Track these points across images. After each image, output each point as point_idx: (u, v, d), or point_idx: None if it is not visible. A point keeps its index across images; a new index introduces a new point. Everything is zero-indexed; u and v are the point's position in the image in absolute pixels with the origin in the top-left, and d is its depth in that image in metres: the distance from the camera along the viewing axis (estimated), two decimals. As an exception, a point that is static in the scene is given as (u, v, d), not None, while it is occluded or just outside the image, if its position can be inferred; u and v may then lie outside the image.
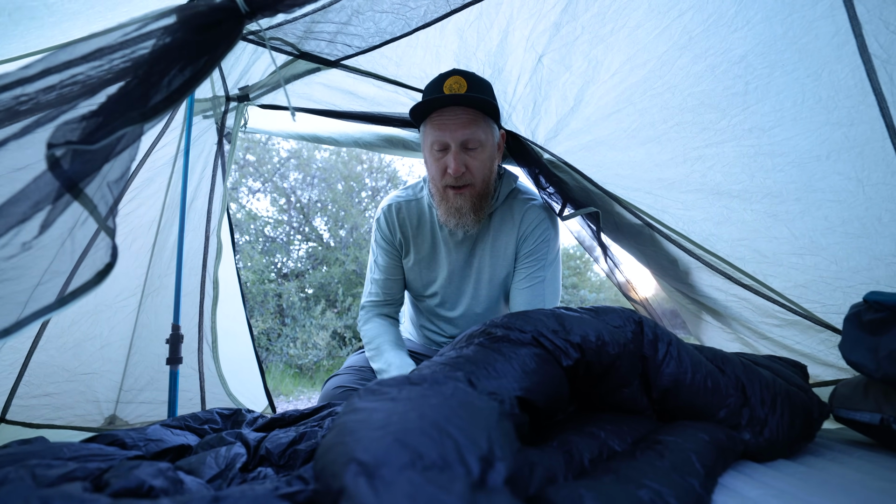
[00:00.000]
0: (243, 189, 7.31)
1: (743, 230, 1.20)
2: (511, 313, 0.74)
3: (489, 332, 0.63)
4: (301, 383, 4.16)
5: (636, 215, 1.30)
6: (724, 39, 0.96)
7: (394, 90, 1.41)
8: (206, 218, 1.75)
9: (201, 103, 1.63)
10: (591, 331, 0.66)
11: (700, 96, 1.06)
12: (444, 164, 1.15)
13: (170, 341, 1.42)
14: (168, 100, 0.57)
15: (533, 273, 1.26)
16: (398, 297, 1.38)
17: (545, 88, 1.23)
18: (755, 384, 0.71)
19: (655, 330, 0.73)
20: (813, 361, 1.26)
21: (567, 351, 0.61)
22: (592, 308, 0.77)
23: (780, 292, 1.23)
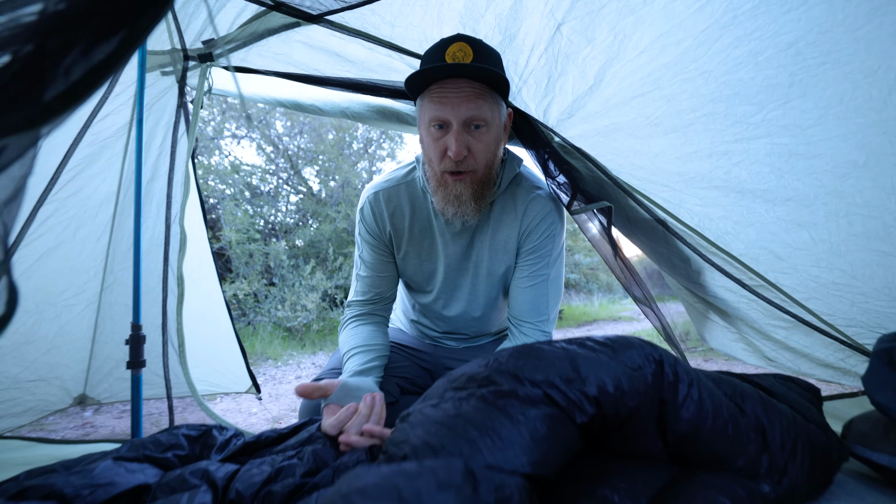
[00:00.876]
0: (226, 134, 6.94)
1: (761, 231, 1.13)
2: (520, 351, 0.66)
3: (494, 382, 0.55)
4: (290, 346, 4.12)
5: (649, 211, 1.20)
6: (773, 21, 0.83)
7: (387, 54, 1.24)
8: (166, 204, 1.55)
9: (157, 56, 1.40)
10: (608, 378, 0.59)
11: (736, 85, 0.93)
12: (443, 146, 1.01)
13: (129, 343, 1.27)
14: (70, 95, 0.40)
15: (536, 271, 1.16)
16: (388, 296, 1.25)
17: (562, 62, 1.09)
18: (775, 426, 0.66)
19: (676, 368, 0.66)
20: (814, 362, 1.23)
21: (582, 405, 0.54)
22: (609, 342, 0.70)
23: (790, 294, 1.18)
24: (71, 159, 1.45)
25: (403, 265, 1.23)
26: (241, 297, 4.63)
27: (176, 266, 1.43)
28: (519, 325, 1.17)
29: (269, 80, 1.35)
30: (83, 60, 0.38)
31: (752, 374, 0.91)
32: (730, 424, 0.62)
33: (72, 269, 1.62)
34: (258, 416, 2.09)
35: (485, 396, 0.53)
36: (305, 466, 0.67)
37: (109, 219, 1.66)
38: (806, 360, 1.22)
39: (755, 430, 0.62)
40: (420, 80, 0.98)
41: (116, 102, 1.45)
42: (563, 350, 0.66)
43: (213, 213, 5.59)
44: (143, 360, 1.29)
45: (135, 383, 1.29)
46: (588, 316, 6.15)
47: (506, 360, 0.64)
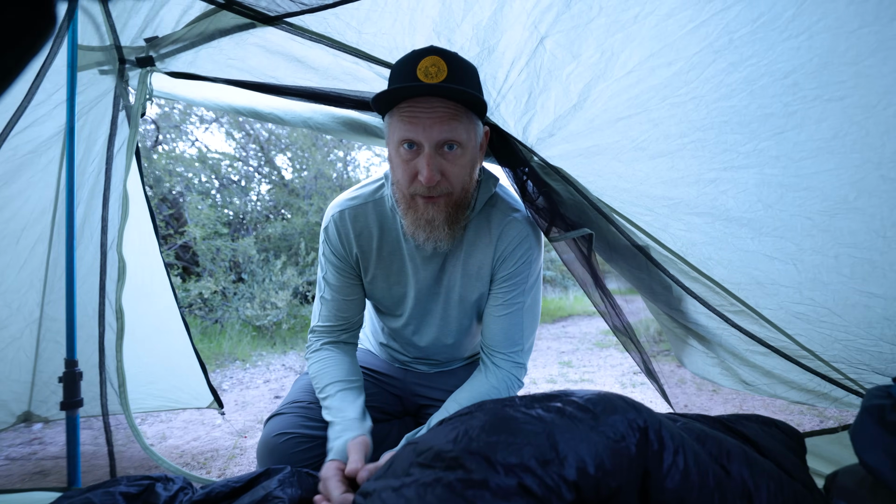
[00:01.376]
0: (193, 119, 6.54)
1: (745, 258, 1.09)
2: (494, 425, 0.60)
3: (463, 467, 0.50)
4: (260, 346, 3.98)
5: (630, 238, 1.15)
6: (771, 48, 0.77)
7: (353, 61, 1.12)
8: (101, 227, 1.40)
9: (91, 53, 1.24)
10: (588, 456, 0.55)
11: (728, 113, 0.87)
12: (413, 168, 0.93)
13: (63, 381, 1.16)
14: None
15: (511, 299, 1.09)
16: (355, 321, 1.17)
17: (545, 78, 1.00)
18: (762, 490, 0.63)
19: (661, 433, 0.62)
20: (790, 386, 1.22)
21: (560, 492, 0.49)
22: (590, 404, 0.64)
23: (770, 320, 1.16)
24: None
25: (371, 288, 1.15)
26: (206, 295, 4.42)
27: (114, 297, 1.29)
28: (491, 356, 1.10)
29: (223, 86, 1.21)
30: None
31: (734, 417, 0.88)
32: (716, 494, 0.58)
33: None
34: (222, 430, 2.01)
35: (452, 485, 0.47)
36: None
37: (38, 241, 1.50)
38: (783, 384, 1.21)
39: (742, 495, 0.59)
40: (389, 98, 0.88)
41: (43, 109, 1.27)
42: (540, 422, 0.60)
43: (177, 207, 5.30)
44: (79, 399, 1.17)
45: (70, 426, 1.16)
46: (563, 311, 6.20)
47: (477, 436, 0.58)
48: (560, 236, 1.08)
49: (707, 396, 1.79)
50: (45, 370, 1.69)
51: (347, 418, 0.99)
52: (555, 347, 4.04)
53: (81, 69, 1.25)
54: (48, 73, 1.25)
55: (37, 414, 1.75)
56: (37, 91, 1.24)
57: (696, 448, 0.63)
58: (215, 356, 3.53)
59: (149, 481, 0.88)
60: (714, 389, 1.78)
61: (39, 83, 1.24)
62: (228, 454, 1.74)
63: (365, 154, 7.42)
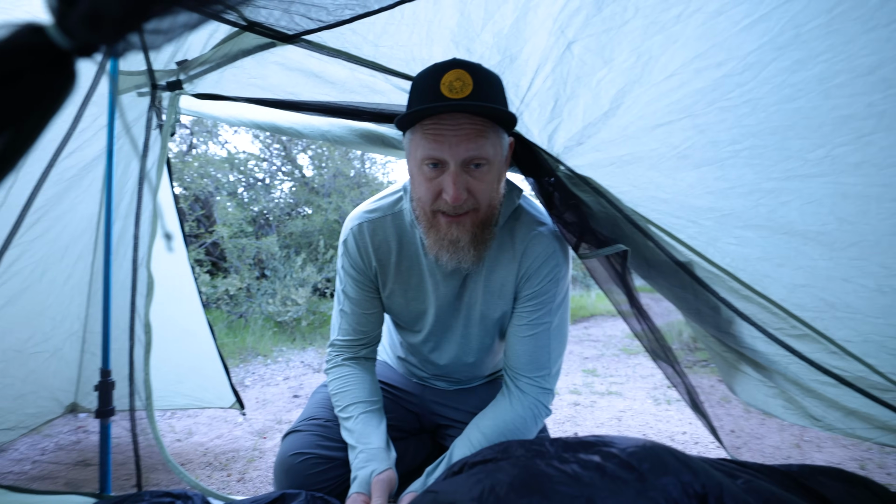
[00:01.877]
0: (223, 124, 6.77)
1: (811, 277, 0.96)
2: (524, 483, 0.55)
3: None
4: (280, 341, 4.06)
5: (669, 254, 1.04)
6: (851, 41, 0.65)
7: (370, 74, 1.07)
8: (133, 245, 1.44)
9: (132, 77, 1.27)
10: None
11: (793, 115, 0.76)
12: (437, 187, 0.88)
13: (98, 389, 1.20)
14: None
15: (536, 319, 1.02)
16: (375, 335, 1.14)
17: (572, 84, 0.91)
18: None
19: (723, 500, 0.52)
20: (872, 424, 1.07)
21: None
22: (635, 462, 0.56)
23: (842, 346, 1.02)
24: (36, 199, 1.35)
25: (389, 303, 1.11)
26: (232, 292, 4.58)
27: (143, 312, 1.33)
28: (516, 380, 1.04)
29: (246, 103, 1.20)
30: None
31: (808, 471, 0.76)
32: None
33: (39, 314, 1.55)
34: (243, 429, 2.09)
35: None
36: None
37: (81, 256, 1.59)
38: (861, 420, 1.06)
39: None
40: (416, 115, 0.83)
41: (87, 134, 1.33)
42: (576, 483, 0.53)
43: (208, 207, 5.50)
44: (112, 407, 1.22)
45: (103, 434, 1.21)
46: (585, 311, 5.93)
47: (505, 495, 0.52)
48: (591, 253, 0.99)
49: (758, 421, 1.61)
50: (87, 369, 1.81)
51: (372, 447, 0.96)
52: (577, 352, 3.86)
53: (122, 92, 1.30)
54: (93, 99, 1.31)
55: (82, 405, 1.89)
56: (81, 118, 1.29)
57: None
58: (239, 350, 3.64)
59: (170, 499, 0.91)
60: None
61: (84, 109, 1.30)
62: (248, 456, 1.78)
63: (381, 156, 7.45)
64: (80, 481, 1.49)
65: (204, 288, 4.43)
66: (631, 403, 2.46)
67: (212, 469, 1.66)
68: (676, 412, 2.29)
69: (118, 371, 1.39)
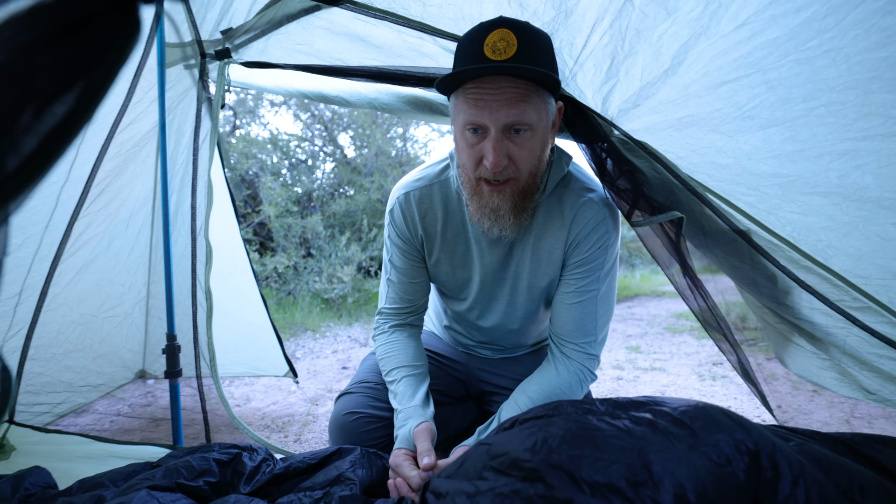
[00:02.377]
0: (265, 103, 6.91)
1: (879, 245, 0.90)
2: (577, 435, 0.55)
3: (543, 480, 0.46)
4: (328, 317, 4.21)
5: (728, 221, 1.00)
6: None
7: (418, 36, 1.06)
8: (191, 215, 1.51)
9: (177, 49, 1.31)
10: (687, 481, 0.47)
11: (877, 66, 0.70)
12: (479, 152, 0.88)
13: (165, 352, 1.29)
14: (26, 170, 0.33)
15: (584, 286, 1.02)
16: (421, 303, 1.16)
17: (631, 41, 0.87)
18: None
19: (775, 458, 0.52)
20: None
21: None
22: (687, 418, 0.56)
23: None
24: (98, 172, 1.44)
25: (435, 271, 1.13)
26: (280, 269, 4.75)
27: (204, 279, 1.40)
28: (562, 346, 1.04)
29: (293, 72, 1.22)
30: (35, 126, 0.31)
31: (861, 438, 0.74)
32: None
33: (109, 282, 1.66)
34: (296, 396, 2.20)
35: (532, 500, 0.43)
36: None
37: (142, 227, 1.66)
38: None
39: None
40: (453, 78, 0.83)
41: (140, 107, 1.39)
42: (629, 436, 0.53)
43: (253, 187, 5.67)
44: (179, 369, 1.31)
45: (173, 393, 1.31)
46: (629, 290, 5.84)
47: (558, 447, 0.53)
48: (644, 220, 0.97)
49: (806, 397, 1.56)
50: (153, 337, 1.95)
51: (411, 406, 1.00)
52: (621, 330, 3.82)
53: (169, 66, 1.34)
54: (143, 73, 1.36)
55: (150, 372, 2.05)
56: (135, 90, 1.36)
57: (820, 478, 0.53)
58: (289, 325, 3.80)
59: (237, 450, 0.99)
60: (815, 389, 1.53)
61: (136, 83, 1.35)
62: (302, 420, 1.88)
63: (423, 130, 7.40)
64: (153, 438, 1.63)
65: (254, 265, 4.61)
66: (675, 379, 2.42)
67: (269, 431, 1.76)
68: (721, 388, 2.24)
69: (183, 335, 1.51)
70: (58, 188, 1.38)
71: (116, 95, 1.37)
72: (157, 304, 1.85)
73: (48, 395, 1.56)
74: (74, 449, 1.30)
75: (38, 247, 1.39)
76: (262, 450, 1.02)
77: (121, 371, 1.92)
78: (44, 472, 1.01)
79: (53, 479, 1.01)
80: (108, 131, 1.40)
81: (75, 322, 1.60)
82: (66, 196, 1.41)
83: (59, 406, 1.62)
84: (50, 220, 1.39)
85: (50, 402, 1.57)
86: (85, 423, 1.70)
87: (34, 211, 1.35)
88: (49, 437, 1.37)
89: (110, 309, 1.72)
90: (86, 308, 1.63)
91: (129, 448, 1.30)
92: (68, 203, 1.43)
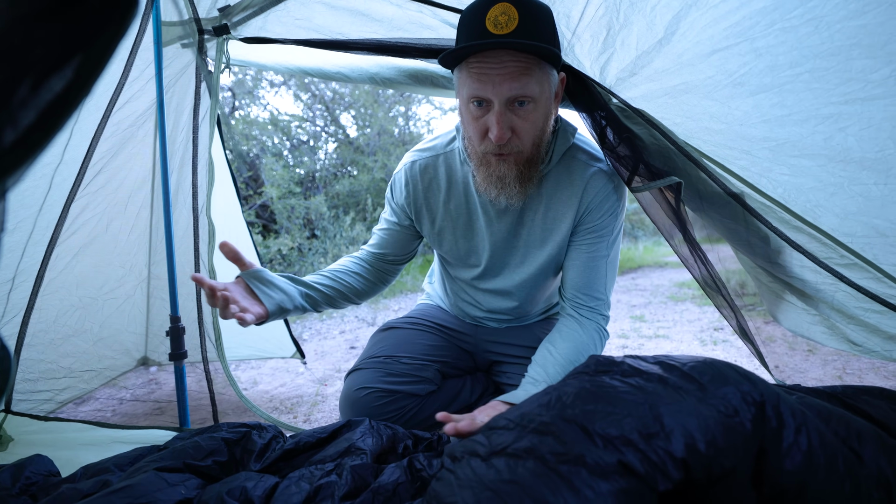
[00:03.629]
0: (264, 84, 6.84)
1: (863, 204, 0.95)
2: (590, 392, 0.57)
3: (557, 436, 0.49)
4: (335, 298, 4.28)
5: (722, 185, 1.05)
6: (930, -55, 0.62)
7: (418, 9, 1.08)
8: (192, 193, 1.50)
9: (174, 28, 1.31)
10: (697, 431, 0.50)
11: (856, 34, 0.73)
12: (483, 125, 0.91)
13: (170, 334, 1.28)
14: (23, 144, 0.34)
15: (594, 251, 1.07)
16: (391, 260, 1.23)
17: (626, 12, 0.90)
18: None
19: (780, 409, 0.55)
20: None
21: (666, 469, 0.47)
22: (696, 373, 0.58)
23: (891, 274, 1.02)
24: (94, 153, 1.42)
25: (439, 240, 1.18)
26: (285, 251, 4.80)
27: (207, 258, 1.38)
28: (577, 308, 1.09)
29: (292, 48, 1.24)
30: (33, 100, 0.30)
31: (852, 391, 0.79)
32: (847, 481, 0.51)
33: (108, 264, 1.63)
34: (304, 377, 2.18)
35: (545, 458, 0.47)
36: (345, 487, 0.67)
37: (141, 208, 1.64)
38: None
39: (878, 485, 0.52)
40: (456, 53, 0.86)
41: (137, 85, 1.38)
42: (640, 392, 0.56)
43: (255, 169, 5.67)
44: (184, 351, 1.31)
45: (178, 374, 1.31)
46: (633, 262, 5.89)
47: (571, 403, 0.56)
48: (644, 186, 1.01)
49: (802, 357, 1.63)
50: (155, 322, 1.93)
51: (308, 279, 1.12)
52: (625, 301, 3.88)
53: (166, 44, 1.33)
54: (139, 51, 1.35)
55: (152, 359, 2.03)
56: (130, 69, 1.35)
57: (821, 427, 0.56)
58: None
59: (246, 429, 0.98)
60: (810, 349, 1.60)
61: (132, 61, 1.35)
62: (311, 401, 1.88)
63: (426, 108, 7.34)
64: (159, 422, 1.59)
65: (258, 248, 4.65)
66: (678, 345, 2.49)
67: (279, 413, 1.76)
68: (722, 351, 2.32)
69: (187, 316, 1.49)
70: (51, 170, 1.34)
71: (112, 74, 1.34)
72: (159, 286, 1.82)
73: (48, 381, 1.53)
74: (76, 436, 1.24)
75: (31, 231, 1.36)
76: (272, 427, 1.00)
77: (122, 357, 1.90)
78: (45, 459, 0.97)
79: (56, 466, 0.97)
80: (103, 111, 1.38)
81: (74, 306, 1.58)
82: (61, 178, 1.38)
83: (62, 393, 1.59)
84: (44, 203, 1.36)
85: (51, 388, 1.53)
86: (87, 411, 1.67)
87: (26, 195, 1.30)
88: (48, 425, 1.32)
89: (110, 291, 1.70)
90: (84, 291, 1.60)
91: (133, 433, 1.26)
92: (63, 185, 1.41)
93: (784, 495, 0.51)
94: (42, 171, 1.34)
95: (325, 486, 0.67)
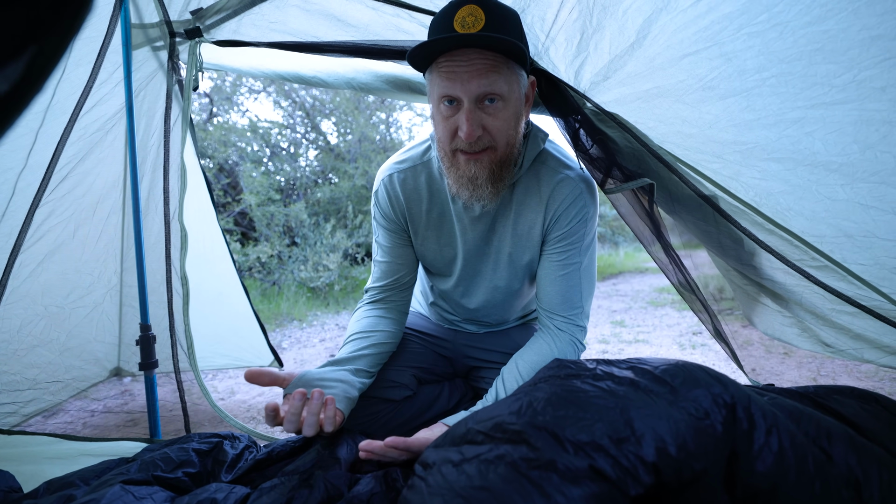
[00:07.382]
0: (243, 90, 6.75)
1: (832, 208, 0.97)
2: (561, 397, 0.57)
3: (528, 443, 0.48)
4: (314, 306, 4.21)
5: (694, 188, 1.06)
6: (885, -47, 0.64)
7: (394, 13, 1.08)
8: (163, 199, 1.46)
9: (143, 31, 1.27)
10: (668, 435, 0.50)
11: (820, 39, 0.75)
12: (454, 124, 0.91)
13: (139, 343, 1.24)
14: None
15: (566, 259, 1.06)
16: (406, 282, 1.17)
17: (598, 16, 0.91)
18: (872, 479, 0.54)
19: (750, 411, 0.55)
20: (880, 349, 1.12)
21: (637, 474, 0.46)
22: (667, 376, 0.58)
23: (859, 276, 1.05)
24: (61, 157, 1.37)
25: (422, 251, 1.16)
26: (264, 259, 4.71)
27: (179, 265, 1.35)
28: (551, 319, 1.08)
29: (268, 52, 1.22)
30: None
31: (823, 391, 0.80)
32: (817, 481, 0.51)
33: (75, 271, 1.58)
34: None
35: (516, 464, 0.46)
36: (318, 497, 0.64)
37: (111, 213, 1.59)
38: (871, 346, 1.10)
39: (847, 484, 0.52)
40: (425, 54, 0.85)
41: (105, 88, 1.33)
42: (611, 396, 0.55)
43: (233, 176, 5.57)
44: (155, 360, 1.28)
45: (149, 384, 1.27)
46: (614, 268, 6.00)
47: (542, 409, 0.55)
48: (617, 188, 1.02)
49: (778, 360, 1.66)
50: (128, 331, 1.87)
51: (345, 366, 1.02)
52: (606, 306, 3.94)
53: (136, 47, 1.30)
54: (107, 54, 1.31)
55: (125, 369, 1.96)
56: (99, 72, 1.31)
57: (792, 428, 0.57)
58: (274, 316, 3.76)
59: (218, 439, 0.95)
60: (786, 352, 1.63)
61: (100, 64, 1.31)
62: None
63: (407, 115, 7.35)
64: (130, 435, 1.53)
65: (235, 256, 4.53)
66: (657, 350, 2.53)
67: (255, 423, 1.73)
68: (701, 355, 2.36)
69: (158, 324, 1.45)
70: (14, 175, 1.29)
71: (79, 77, 1.30)
72: (131, 294, 1.77)
73: (11, 393, 1.47)
74: (42, 450, 1.19)
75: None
76: (245, 437, 0.98)
77: (92, 367, 1.82)
78: (6, 474, 0.93)
79: (17, 482, 0.93)
80: (69, 114, 1.34)
81: (39, 315, 1.52)
82: (24, 184, 1.34)
83: (27, 406, 1.52)
84: (6, 210, 1.31)
85: (14, 401, 1.47)
86: (56, 424, 1.61)
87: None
88: (11, 439, 1.25)
89: (78, 299, 1.64)
90: (50, 300, 1.55)
91: (102, 445, 1.20)
92: (27, 191, 1.36)
93: (756, 497, 0.51)
94: (4, 177, 1.29)
95: (297, 497, 0.64)
